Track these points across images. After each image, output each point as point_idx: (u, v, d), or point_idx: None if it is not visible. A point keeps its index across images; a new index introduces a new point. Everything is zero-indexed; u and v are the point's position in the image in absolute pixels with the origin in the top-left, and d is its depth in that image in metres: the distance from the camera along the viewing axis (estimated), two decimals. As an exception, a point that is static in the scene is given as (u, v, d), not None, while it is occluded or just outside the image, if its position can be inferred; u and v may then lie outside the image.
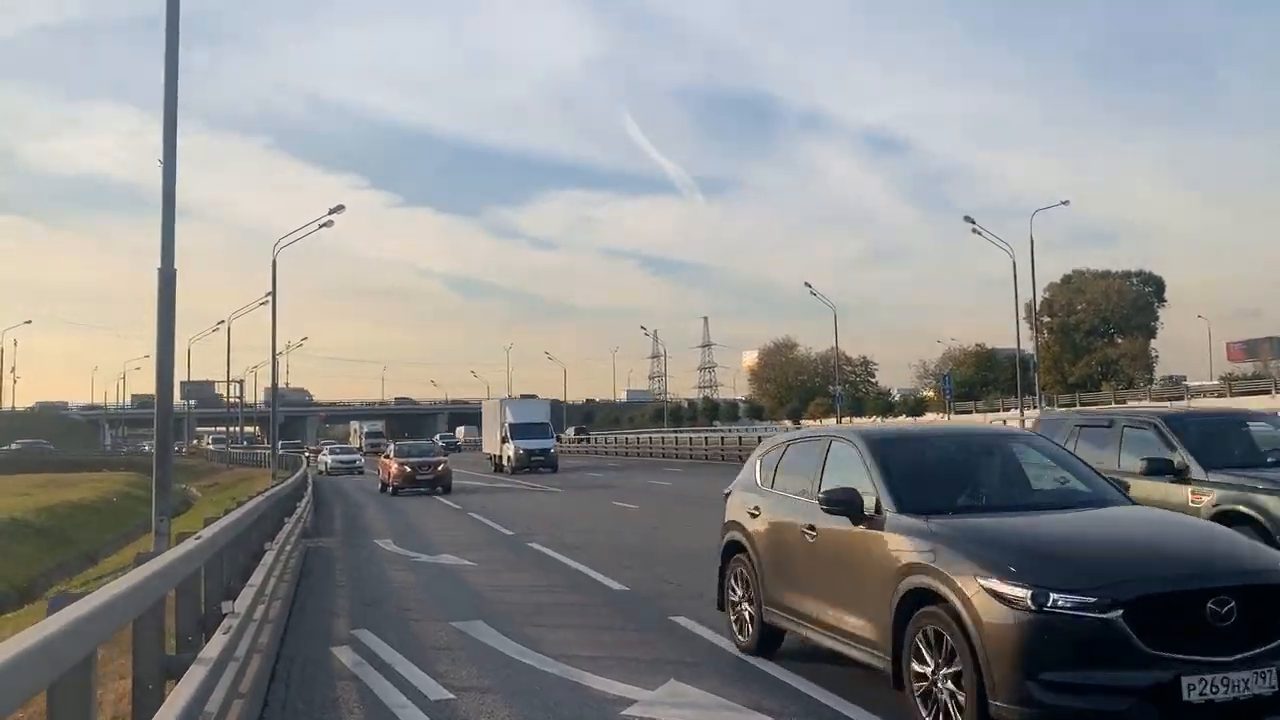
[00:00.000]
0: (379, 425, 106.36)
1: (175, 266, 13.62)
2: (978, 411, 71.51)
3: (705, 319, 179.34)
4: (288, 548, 12.79)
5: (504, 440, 44.24)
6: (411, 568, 14.05)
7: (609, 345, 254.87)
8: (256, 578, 8.63)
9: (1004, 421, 56.20)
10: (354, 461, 51.92)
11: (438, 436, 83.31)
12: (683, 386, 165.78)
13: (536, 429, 44.29)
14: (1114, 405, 62.29)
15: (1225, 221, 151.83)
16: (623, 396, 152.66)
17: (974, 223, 55.78)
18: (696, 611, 9.36)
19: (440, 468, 32.64)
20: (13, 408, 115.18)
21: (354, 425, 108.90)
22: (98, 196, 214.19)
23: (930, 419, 79.05)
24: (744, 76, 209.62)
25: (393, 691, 7.02)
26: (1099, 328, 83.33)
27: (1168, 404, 50.31)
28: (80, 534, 28.60)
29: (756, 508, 7.68)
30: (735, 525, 7.98)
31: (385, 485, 33.27)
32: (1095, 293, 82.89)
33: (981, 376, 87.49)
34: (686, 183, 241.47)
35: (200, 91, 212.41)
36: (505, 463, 43.87)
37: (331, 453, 55.52)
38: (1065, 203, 58.55)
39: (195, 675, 4.59)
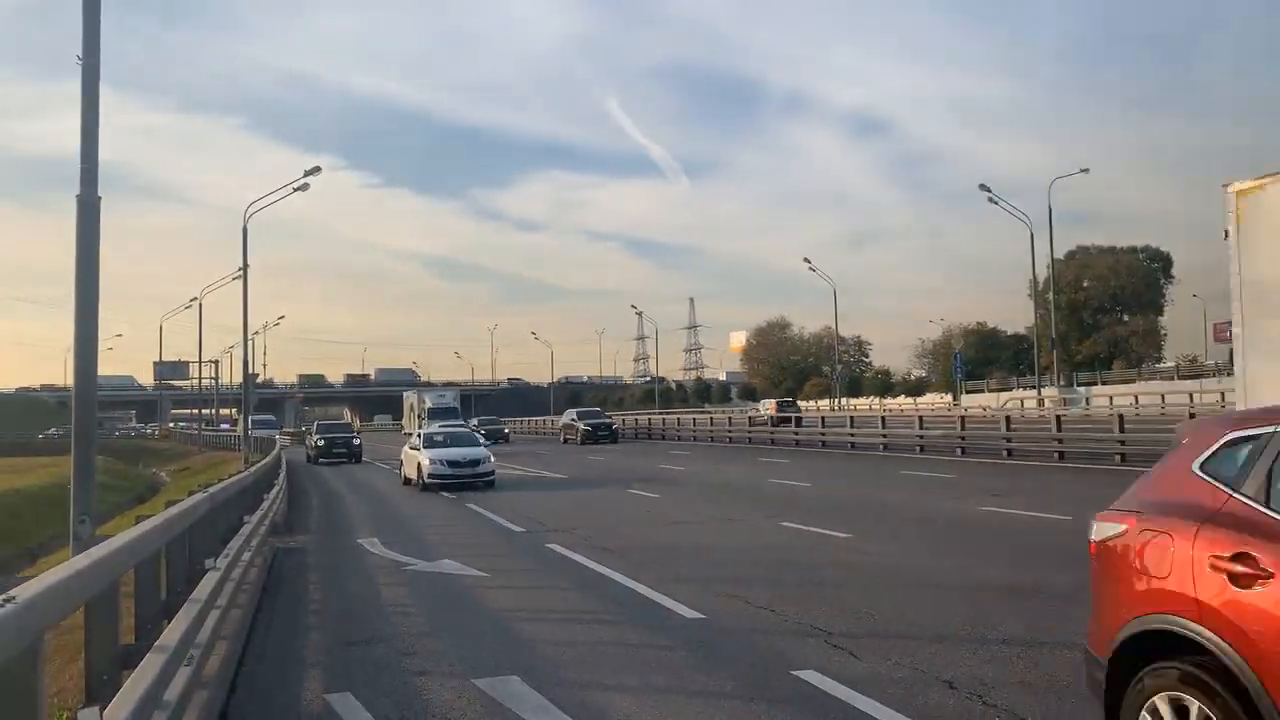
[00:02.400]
0: (448, 396, 63.91)
1: (100, 194, 10.58)
2: (989, 391, 68.88)
3: (691, 300, 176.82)
4: (245, 555, 9.82)
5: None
6: (406, 581, 11.06)
7: (593, 327, 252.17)
8: (181, 619, 5.72)
9: (1020, 402, 53.62)
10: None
11: (475, 421, 58.12)
12: (668, 368, 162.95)
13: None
14: (1138, 384, 59.92)
15: (1206, 203, 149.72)
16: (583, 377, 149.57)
17: (989, 191, 53.23)
18: (826, 660, 6.51)
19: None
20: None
21: (410, 397, 68.24)
22: (70, 175, 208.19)
23: (931, 400, 76.46)
24: (727, 57, 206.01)
25: None
26: (1107, 305, 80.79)
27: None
28: (23, 526, 25.50)
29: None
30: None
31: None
32: (1102, 268, 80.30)
33: (983, 356, 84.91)
34: (670, 165, 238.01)
35: (174, 71, 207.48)
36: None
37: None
38: (1085, 170, 55.85)
39: None
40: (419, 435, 26.79)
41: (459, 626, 8.39)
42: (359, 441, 42.25)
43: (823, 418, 39.34)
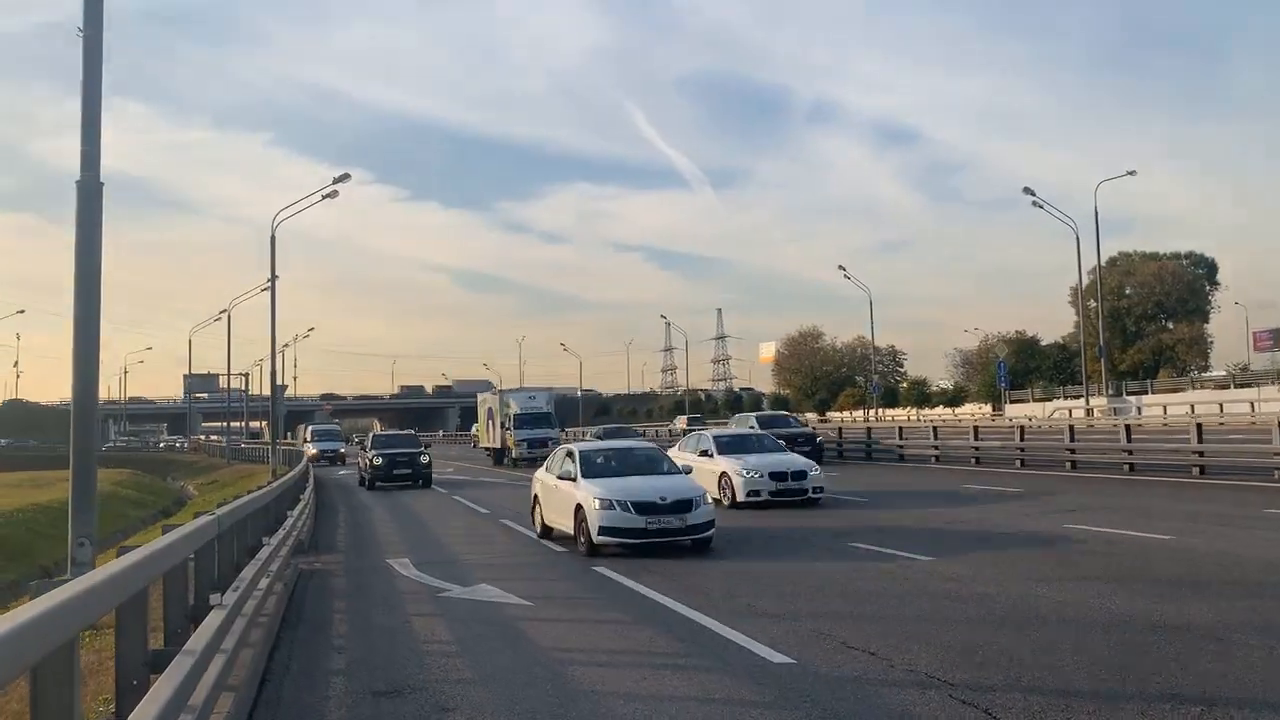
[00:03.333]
0: (540, 399, 44.34)
1: (103, 180, 9.52)
2: (1034, 400, 66.94)
3: (719, 310, 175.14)
4: (263, 583, 8.68)
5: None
6: (442, 610, 9.85)
7: (619, 339, 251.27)
8: (174, 673, 4.59)
9: (1069, 412, 51.75)
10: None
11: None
12: (696, 379, 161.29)
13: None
14: (1188, 394, 57.89)
15: (1246, 210, 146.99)
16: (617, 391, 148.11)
17: (1034, 194, 51.75)
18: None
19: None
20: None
21: (489, 400, 46.52)
22: (105, 192, 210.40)
23: (971, 410, 74.60)
24: (752, 67, 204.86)
25: None
26: (1150, 312, 78.59)
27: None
28: (43, 545, 24.61)
29: None
30: None
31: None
32: (1146, 274, 78.14)
33: (1023, 365, 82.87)
34: (696, 175, 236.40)
35: (204, 88, 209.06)
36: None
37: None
38: (1132, 173, 54.10)
39: None
40: (572, 456, 15.06)
41: (506, 672, 7.16)
42: (428, 460, 32.90)
43: (869, 428, 37.80)
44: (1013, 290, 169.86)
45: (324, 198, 37.34)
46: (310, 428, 60.51)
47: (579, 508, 13.76)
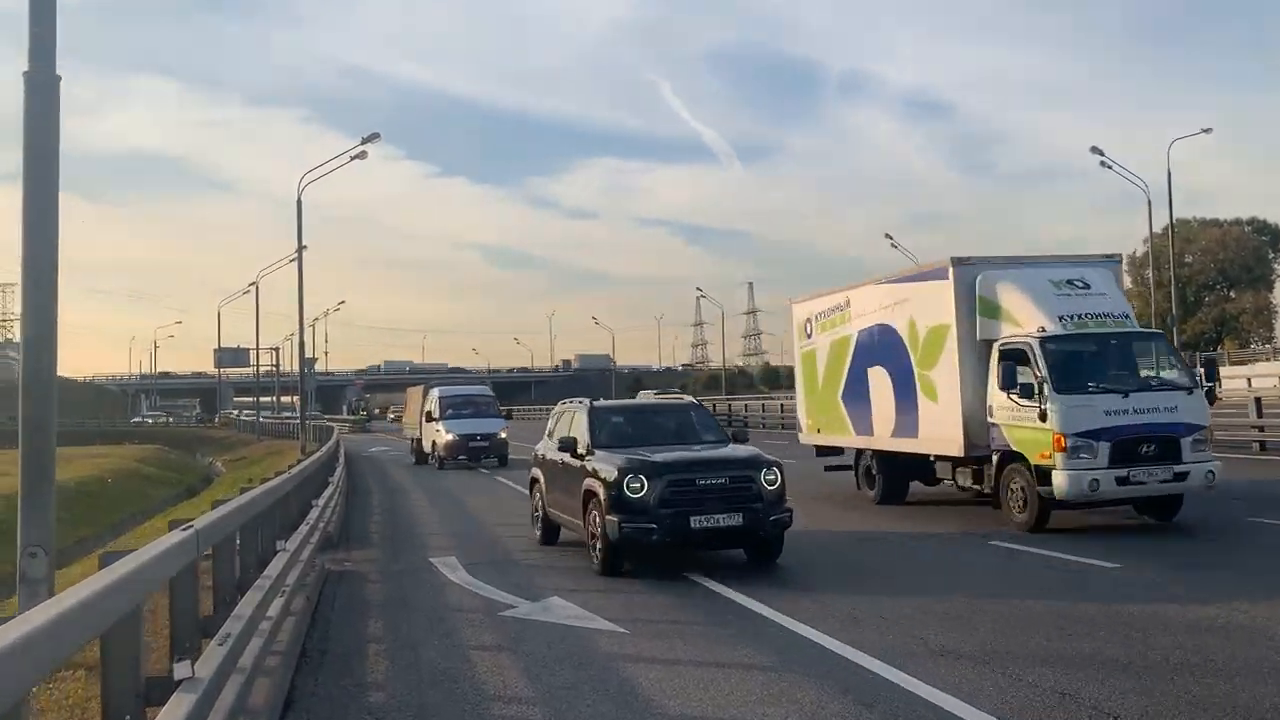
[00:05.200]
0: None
1: (58, 72, 7.16)
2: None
3: (750, 284, 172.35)
4: (276, 604, 6.41)
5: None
6: (510, 640, 7.49)
7: (648, 314, 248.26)
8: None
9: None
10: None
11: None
12: (727, 354, 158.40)
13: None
14: (1263, 365, 54.65)
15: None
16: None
17: (1102, 154, 48.53)
18: None
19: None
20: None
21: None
22: (139, 170, 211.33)
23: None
24: (781, 40, 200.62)
25: None
26: (1212, 281, 75.02)
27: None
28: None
29: None
30: None
31: None
32: (1208, 241, 74.50)
33: (1075, 336, 79.65)
34: (724, 149, 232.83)
35: (238, 67, 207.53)
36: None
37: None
38: (1207, 130, 50.56)
39: None
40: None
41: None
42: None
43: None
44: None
45: (352, 159, 35.22)
46: (437, 393, 29.73)
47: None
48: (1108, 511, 12.19)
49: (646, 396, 18.85)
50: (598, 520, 9.97)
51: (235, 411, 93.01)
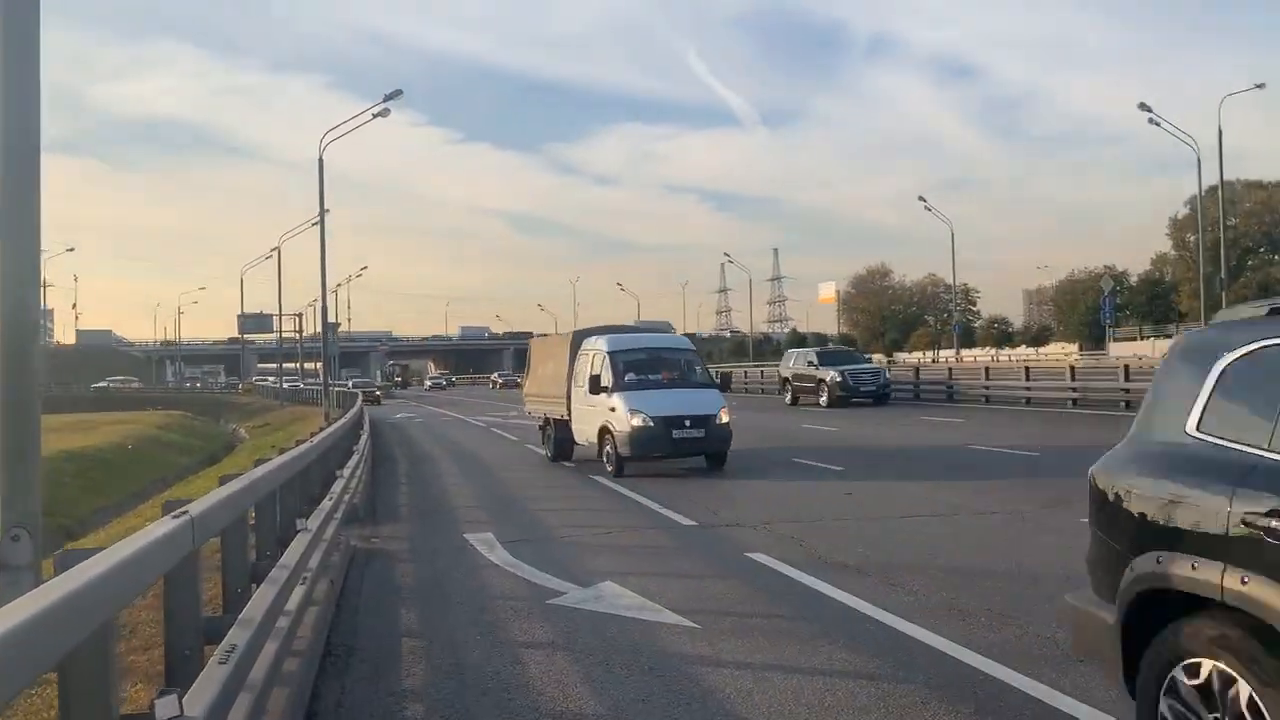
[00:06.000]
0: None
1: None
2: (1142, 339, 62.14)
3: (775, 250, 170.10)
4: (295, 596, 5.45)
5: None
6: (564, 635, 6.51)
7: (672, 281, 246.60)
8: None
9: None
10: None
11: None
12: (750, 321, 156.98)
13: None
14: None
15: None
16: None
17: (1149, 110, 46.83)
18: None
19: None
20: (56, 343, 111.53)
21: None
22: (161, 136, 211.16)
23: (1056, 349, 69.92)
24: (808, 1, 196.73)
25: None
26: (1255, 244, 72.97)
27: None
28: (67, 495, 21.88)
29: None
30: None
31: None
32: (1253, 204, 72.37)
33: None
34: (749, 114, 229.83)
35: (262, 32, 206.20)
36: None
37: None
38: (1260, 85, 48.75)
39: None
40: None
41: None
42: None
43: (986, 369, 33.72)
44: (1081, 227, 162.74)
45: (374, 116, 34.23)
46: (606, 344, 16.92)
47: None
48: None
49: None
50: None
51: (270, 379, 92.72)
